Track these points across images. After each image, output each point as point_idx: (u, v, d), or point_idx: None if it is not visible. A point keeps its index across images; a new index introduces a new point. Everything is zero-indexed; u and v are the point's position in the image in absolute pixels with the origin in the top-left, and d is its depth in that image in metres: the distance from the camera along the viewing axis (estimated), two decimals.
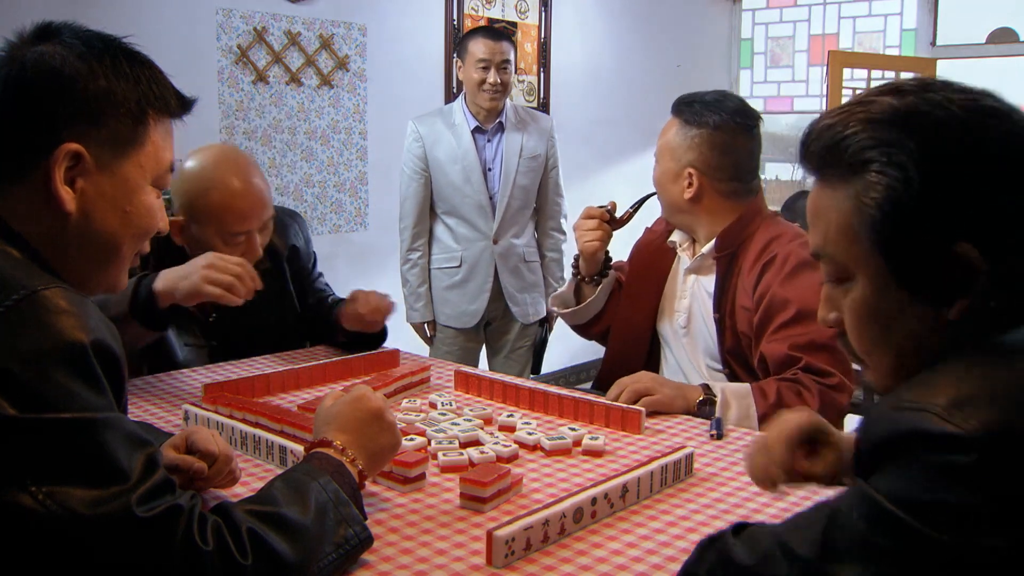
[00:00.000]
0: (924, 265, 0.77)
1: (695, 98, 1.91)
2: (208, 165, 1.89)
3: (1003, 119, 0.77)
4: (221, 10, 3.61)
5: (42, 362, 0.83)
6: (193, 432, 1.24)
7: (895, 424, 0.74)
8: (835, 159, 0.81)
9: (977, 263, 0.75)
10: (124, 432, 0.87)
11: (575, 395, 1.69)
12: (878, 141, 0.77)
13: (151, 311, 1.71)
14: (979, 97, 0.79)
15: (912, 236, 0.77)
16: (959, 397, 0.71)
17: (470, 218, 3.15)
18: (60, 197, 0.95)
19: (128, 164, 0.99)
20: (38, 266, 0.93)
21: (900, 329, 0.82)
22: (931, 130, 0.76)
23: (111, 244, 1.01)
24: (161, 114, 1.02)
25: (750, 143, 1.90)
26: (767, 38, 5.96)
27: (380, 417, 1.18)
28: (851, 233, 0.81)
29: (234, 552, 0.88)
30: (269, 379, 1.80)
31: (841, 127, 0.81)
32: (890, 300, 0.81)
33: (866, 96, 0.82)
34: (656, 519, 1.21)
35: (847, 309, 0.86)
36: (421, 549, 1.11)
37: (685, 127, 1.89)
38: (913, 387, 0.75)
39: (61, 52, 0.96)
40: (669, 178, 1.92)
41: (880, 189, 0.77)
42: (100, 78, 0.96)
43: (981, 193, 0.75)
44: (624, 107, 5.34)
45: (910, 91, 0.79)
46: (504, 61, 3.07)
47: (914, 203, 0.76)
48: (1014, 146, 0.76)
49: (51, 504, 0.81)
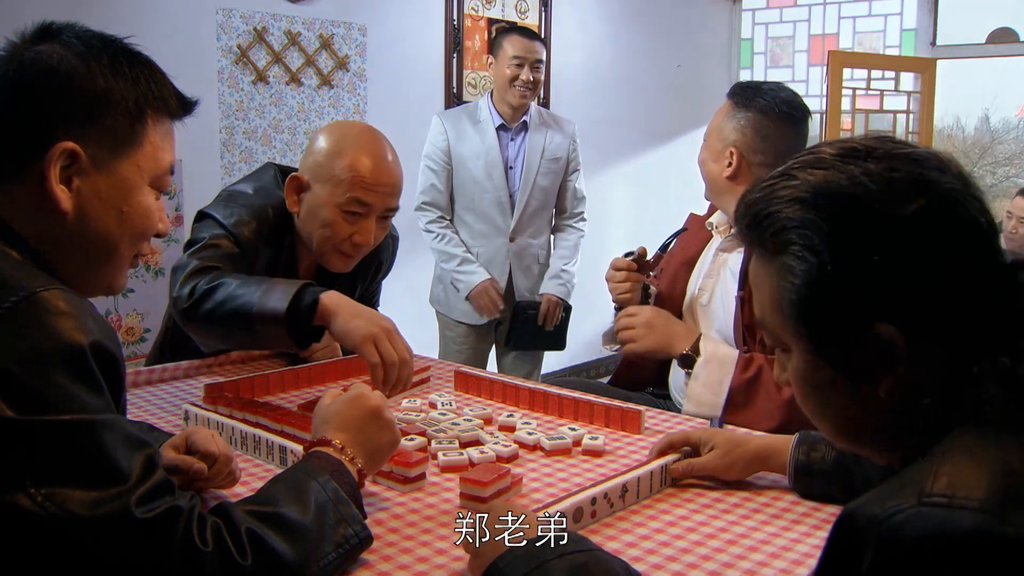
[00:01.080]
0: (845, 344, 0.76)
1: (752, 84, 1.99)
2: (351, 132, 1.82)
3: (923, 193, 0.74)
4: (221, 10, 3.61)
5: (41, 364, 0.83)
6: (193, 432, 1.24)
7: (922, 524, 0.64)
8: (760, 237, 0.81)
9: (898, 342, 0.73)
10: (123, 433, 0.87)
11: (575, 395, 1.69)
12: (796, 222, 0.77)
13: (305, 320, 1.54)
14: (902, 166, 0.76)
15: (831, 317, 0.76)
16: (1008, 489, 0.63)
17: (489, 214, 3.18)
18: (55, 196, 0.94)
19: (125, 164, 0.99)
20: (37, 267, 0.93)
21: (835, 402, 0.80)
22: (844, 210, 0.75)
23: (108, 244, 1.00)
24: (160, 115, 1.02)
25: (793, 134, 1.93)
26: (767, 38, 5.96)
27: (378, 415, 1.19)
28: (780, 309, 0.80)
29: (234, 553, 0.88)
30: (269, 379, 1.80)
31: (764, 204, 0.80)
32: (820, 375, 0.80)
33: (789, 168, 0.80)
34: (656, 519, 1.21)
35: (791, 377, 0.85)
36: (421, 549, 1.11)
37: (735, 109, 1.94)
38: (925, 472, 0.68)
39: (59, 51, 0.96)
40: (713, 156, 1.97)
41: (798, 272, 0.77)
42: (98, 77, 0.96)
43: (895, 274, 0.73)
44: (624, 107, 5.34)
45: (829, 164, 0.78)
46: (537, 60, 3.14)
47: (830, 285, 0.75)
48: (927, 224, 0.73)
49: (50, 506, 0.80)
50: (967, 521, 0.62)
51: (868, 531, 0.66)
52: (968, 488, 0.64)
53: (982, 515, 0.62)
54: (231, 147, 3.70)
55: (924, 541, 0.63)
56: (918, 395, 0.75)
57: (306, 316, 1.53)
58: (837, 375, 0.78)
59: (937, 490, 0.65)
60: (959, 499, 0.64)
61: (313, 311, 1.53)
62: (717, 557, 1.10)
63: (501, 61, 3.15)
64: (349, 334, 1.50)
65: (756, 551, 1.12)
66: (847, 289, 0.74)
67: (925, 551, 0.63)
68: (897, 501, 0.66)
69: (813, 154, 0.80)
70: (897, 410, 0.77)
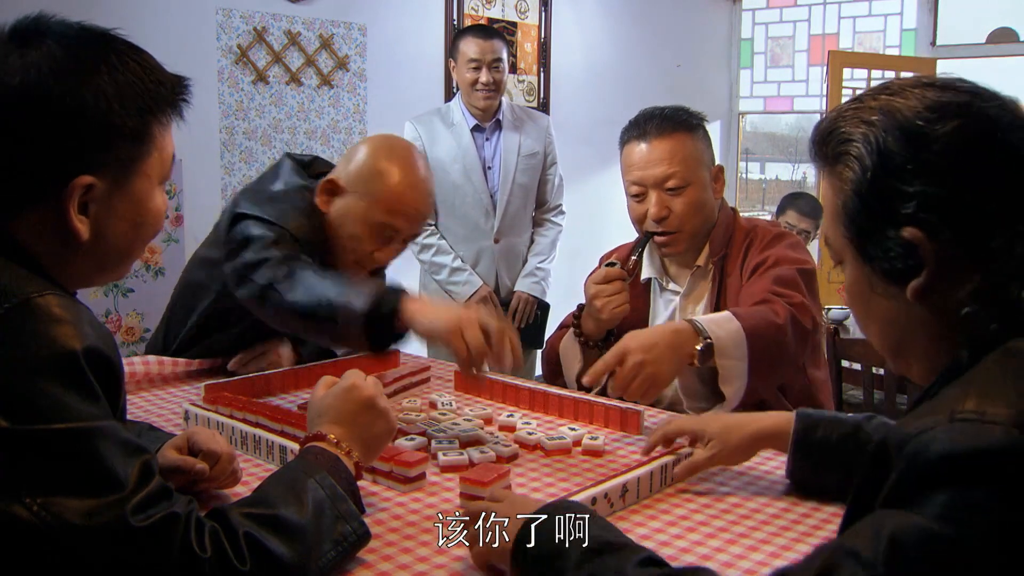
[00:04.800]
0: (880, 248, 0.83)
1: (659, 113, 1.89)
2: (397, 152, 1.81)
3: (962, 116, 0.81)
4: (221, 10, 3.61)
5: (34, 372, 0.82)
6: (195, 432, 1.24)
7: (952, 438, 0.67)
8: (824, 151, 0.89)
9: (922, 245, 0.79)
10: (119, 440, 0.86)
11: (575, 395, 1.69)
12: (855, 137, 0.85)
13: (386, 328, 1.49)
14: (955, 96, 0.82)
15: (869, 221, 0.84)
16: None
17: (471, 217, 3.14)
18: (75, 229, 0.93)
19: (137, 178, 0.98)
20: (36, 272, 0.91)
21: (877, 310, 0.88)
22: (894, 126, 0.82)
23: (123, 253, 1.01)
24: (162, 114, 1.00)
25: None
26: (767, 38, 5.95)
27: (373, 405, 1.18)
28: (835, 218, 0.88)
29: (232, 558, 0.88)
30: (269, 379, 1.81)
31: (833, 122, 0.88)
32: (864, 283, 0.87)
33: (863, 95, 0.89)
34: (656, 519, 1.21)
35: (845, 289, 0.92)
36: (421, 549, 1.11)
37: (693, 132, 1.87)
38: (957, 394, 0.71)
39: (52, 72, 0.91)
40: (706, 190, 1.86)
41: (848, 179, 0.85)
42: (101, 99, 0.92)
43: (925, 184, 0.80)
44: (624, 107, 5.28)
45: (896, 91, 0.85)
46: (495, 60, 3.07)
47: (869, 192, 0.83)
48: (960, 141, 0.80)
49: (46, 515, 0.80)
50: (997, 435, 0.65)
51: (899, 448, 0.69)
52: (999, 405, 0.67)
53: (1014, 430, 0.65)
54: (231, 147, 3.70)
55: (953, 455, 0.66)
56: (949, 305, 0.80)
57: (388, 324, 1.48)
58: (875, 281, 0.85)
59: (968, 408, 0.68)
60: (990, 415, 0.67)
61: (393, 319, 1.48)
62: (717, 557, 1.10)
63: (460, 65, 3.10)
64: (433, 332, 1.47)
65: (756, 551, 1.12)
66: (883, 195, 0.82)
67: (953, 464, 0.65)
68: (929, 421, 0.69)
69: (886, 83, 0.88)
70: (931, 321, 0.82)
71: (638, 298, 1.97)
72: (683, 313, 1.93)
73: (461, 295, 3.10)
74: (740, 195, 6.34)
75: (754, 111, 6.17)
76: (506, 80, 3.19)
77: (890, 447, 0.71)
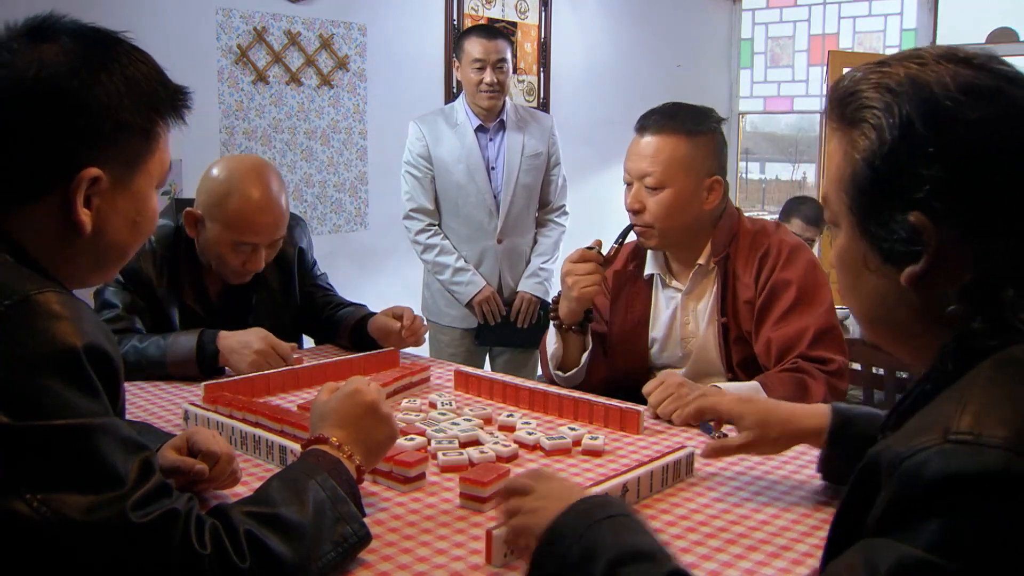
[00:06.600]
0: (882, 226, 0.80)
1: (668, 110, 1.89)
2: (237, 172, 1.94)
3: (993, 103, 0.76)
4: (221, 10, 3.61)
5: (35, 369, 0.82)
6: (194, 433, 1.24)
7: (946, 462, 0.64)
8: (842, 111, 0.84)
9: (926, 232, 0.76)
10: (119, 437, 0.87)
11: (575, 395, 1.69)
12: (876, 103, 0.80)
13: (211, 364, 1.88)
14: (989, 79, 0.78)
15: (877, 196, 0.80)
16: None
17: (474, 217, 3.13)
18: (80, 221, 0.94)
19: (139, 176, 0.99)
20: (33, 270, 0.92)
21: (865, 283, 0.84)
22: (919, 102, 0.77)
23: (120, 252, 1.02)
24: (168, 117, 1.01)
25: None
26: (767, 38, 5.95)
27: (375, 410, 1.19)
28: (839, 181, 0.84)
29: (232, 555, 0.88)
30: (269, 379, 1.81)
31: (855, 83, 0.84)
32: (857, 253, 0.83)
33: (890, 59, 0.84)
34: (656, 519, 1.21)
35: (833, 252, 0.89)
36: (421, 549, 1.11)
37: (691, 137, 1.85)
38: (951, 410, 0.68)
39: (66, 65, 0.93)
40: (687, 196, 1.85)
41: (862, 147, 0.80)
42: (113, 94, 0.94)
43: (944, 171, 0.75)
44: (624, 107, 5.31)
45: (925, 62, 0.80)
46: (500, 60, 3.06)
47: (883, 166, 0.79)
48: (987, 131, 0.76)
49: (46, 511, 0.80)
50: (992, 459, 0.63)
51: (891, 469, 0.67)
52: (994, 426, 0.64)
53: (1008, 453, 0.63)
54: (231, 147, 3.70)
55: (947, 479, 0.63)
56: (939, 295, 0.76)
57: (213, 361, 1.88)
58: (870, 258, 0.82)
59: (963, 428, 0.65)
60: (984, 437, 0.64)
61: (216, 357, 1.87)
62: (717, 557, 1.10)
63: (464, 65, 3.08)
64: (237, 368, 1.85)
65: (756, 551, 1.12)
66: (897, 173, 0.78)
67: (948, 489, 0.63)
68: (923, 439, 0.66)
69: (916, 51, 0.83)
70: (919, 307, 0.79)
71: (640, 294, 1.99)
72: (684, 310, 1.94)
73: (464, 295, 3.10)
74: (740, 195, 6.34)
75: (754, 111, 6.17)
76: (510, 81, 3.18)
77: (881, 466, 0.68)
